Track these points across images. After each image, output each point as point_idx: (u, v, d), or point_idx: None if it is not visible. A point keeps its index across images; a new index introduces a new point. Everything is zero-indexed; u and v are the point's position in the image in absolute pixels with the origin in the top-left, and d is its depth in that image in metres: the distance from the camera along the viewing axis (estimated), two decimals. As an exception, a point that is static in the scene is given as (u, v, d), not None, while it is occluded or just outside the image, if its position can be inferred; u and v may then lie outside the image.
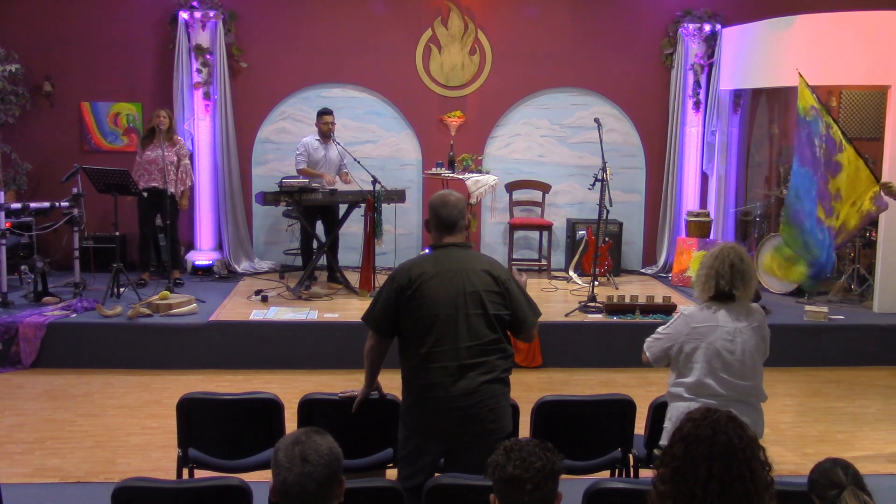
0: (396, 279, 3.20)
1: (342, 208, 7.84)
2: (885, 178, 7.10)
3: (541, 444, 2.26)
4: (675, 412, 3.52)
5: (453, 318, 3.13)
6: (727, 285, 3.48)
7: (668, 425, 3.56)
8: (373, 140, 8.79)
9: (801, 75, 5.20)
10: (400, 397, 3.34)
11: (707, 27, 8.58)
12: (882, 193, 4.97)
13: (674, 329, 3.58)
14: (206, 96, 8.24)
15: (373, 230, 7.21)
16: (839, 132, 5.00)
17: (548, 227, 8.70)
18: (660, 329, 3.67)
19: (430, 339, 3.14)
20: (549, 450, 2.24)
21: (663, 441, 3.58)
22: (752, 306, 3.59)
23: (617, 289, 7.93)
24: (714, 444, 1.97)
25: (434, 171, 8.39)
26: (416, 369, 3.18)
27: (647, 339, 3.70)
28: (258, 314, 6.74)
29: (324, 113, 7.79)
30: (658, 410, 3.82)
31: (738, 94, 8.81)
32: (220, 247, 8.55)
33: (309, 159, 7.78)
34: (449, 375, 3.12)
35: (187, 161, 7.69)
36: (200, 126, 8.31)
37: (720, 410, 2.08)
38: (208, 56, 8.19)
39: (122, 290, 7.10)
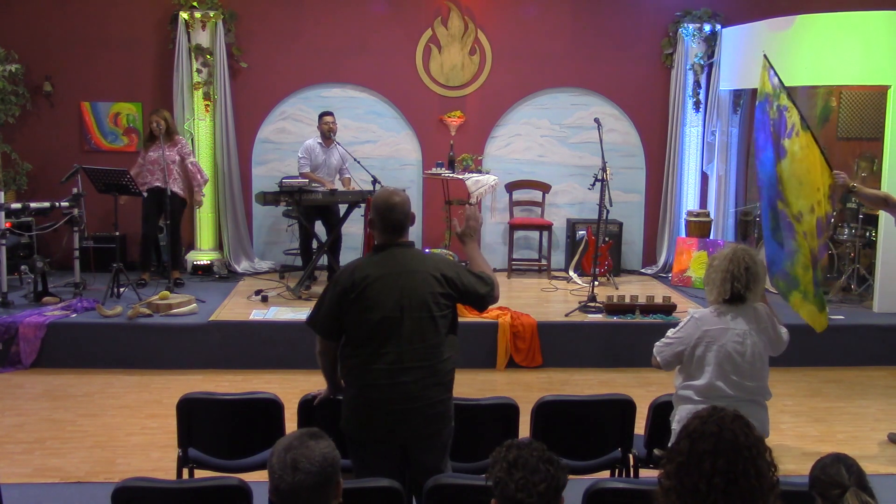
0: (339, 282, 3.16)
1: (342, 208, 7.85)
2: (885, 178, 7.15)
3: (545, 455, 2.16)
4: (685, 415, 3.49)
5: (397, 322, 3.09)
6: (742, 288, 3.49)
7: (677, 427, 3.53)
8: (373, 140, 8.79)
9: (765, 58, 5.15)
10: None
11: (707, 27, 8.59)
12: (838, 182, 4.89)
13: (685, 332, 3.58)
14: (206, 96, 8.24)
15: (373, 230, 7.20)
16: (797, 117, 4.88)
17: (548, 227, 8.70)
18: (670, 333, 3.66)
19: (373, 342, 3.10)
20: (552, 463, 2.15)
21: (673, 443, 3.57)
22: (758, 307, 3.60)
23: (617, 289, 7.93)
24: (719, 440, 1.98)
25: (434, 171, 8.39)
26: (355, 369, 3.15)
27: (657, 344, 3.68)
28: (258, 314, 6.74)
29: (324, 114, 7.82)
30: (658, 410, 3.83)
31: (738, 94, 8.81)
32: (219, 247, 8.55)
33: (311, 163, 7.79)
34: (389, 377, 3.08)
35: (194, 159, 7.69)
36: (200, 126, 8.31)
37: (727, 409, 2.08)
38: (208, 56, 8.19)
39: (122, 290, 7.10)
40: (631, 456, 3.85)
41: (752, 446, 1.98)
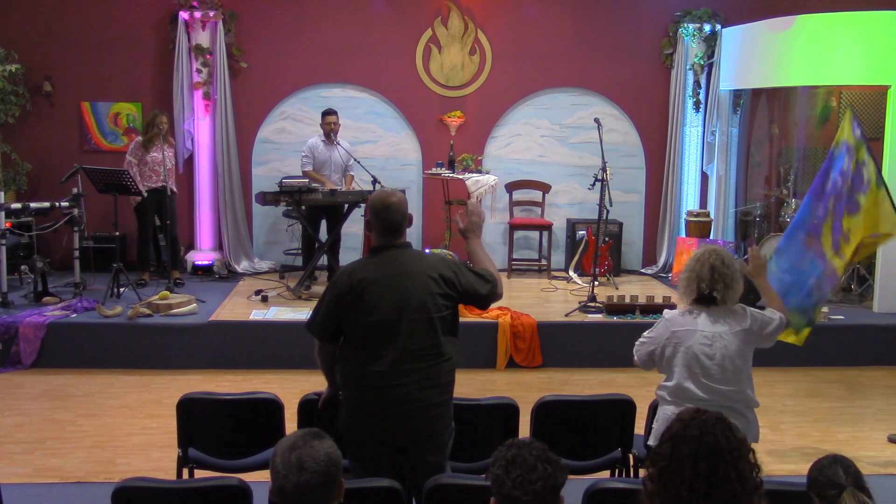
0: (337, 285, 3.14)
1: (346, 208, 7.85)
2: (885, 179, 7.14)
3: (544, 455, 2.15)
4: (662, 414, 3.53)
5: (395, 324, 3.06)
6: (707, 288, 3.45)
7: (656, 426, 3.57)
8: (373, 140, 8.79)
9: (851, 110, 5.06)
10: None
11: (707, 27, 8.58)
12: None
13: (656, 333, 3.58)
14: (206, 96, 8.25)
15: (370, 231, 7.20)
16: (874, 171, 4.75)
17: (548, 227, 8.70)
18: (645, 333, 3.66)
19: (371, 345, 3.09)
20: (551, 462, 2.14)
21: (651, 441, 3.58)
22: (737, 309, 3.54)
23: (617, 289, 7.93)
24: (700, 444, 1.96)
25: (434, 171, 8.39)
26: (352, 371, 3.14)
27: (636, 343, 3.69)
28: (258, 314, 6.74)
29: (327, 113, 7.81)
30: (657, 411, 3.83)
31: (738, 94, 8.81)
32: (220, 247, 8.55)
33: (314, 161, 7.80)
34: (387, 380, 3.06)
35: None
36: (200, 126, 8.31)
37: (710, 412, 2.07)
38: (208, 56, 8.19)
39: (122, 290, 7.10)
40: (631, 456, 3.85)
41: (733, 449, 1.96)
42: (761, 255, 3.89)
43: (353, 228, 8.23)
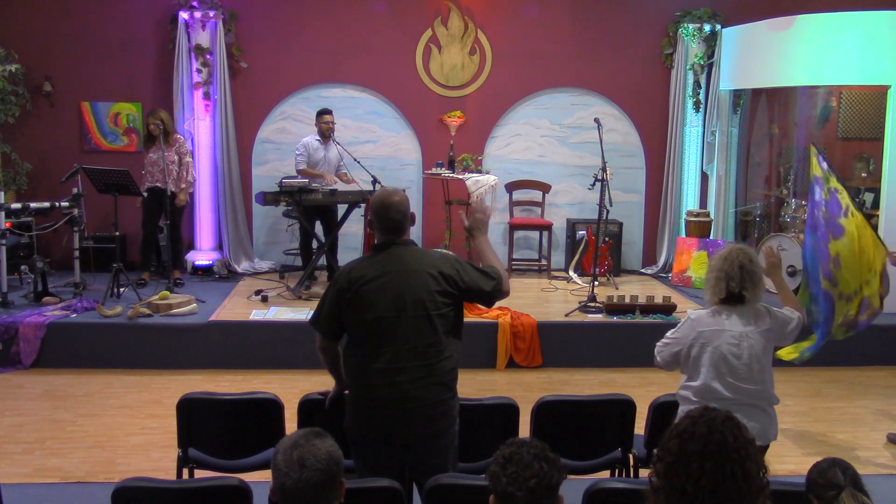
0: (338, 282, 3.16)
1: (342, 208, 7.85)
2: (884, 178, 7.16)
3: (541, 453, 2.16)
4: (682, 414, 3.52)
5: (393, 321, 3.07)
6: (737, 287, 3.46)
7: None
8: (373, 140, 8.79)
9: (812, 146, 5.12)
10: None
11: (707, 27, 8.58)
12: (889, 262, 4.81)
13: (681, 333, 3.58)
14: (206, 96, 8.24)
15: (373, 230, 7.20)
16: (847, 198, 4.83)
17: (548, 227, 8.70)
18: (669, 333, 3.66)
19: (370, 342, 3.09)
20: (548, 461, 2.14)
21: None
22: (760, 308, 3.55)
23: (617, 289, 7.93)
24: (708, 442, 1.97)
25: (434, 171, 8.39)
26: (355, 368, 3.16)
27: (658, 344, 3.68)
28: (258, 314, 6.74)
29: (323, 113, 7.81)
30: (658, 410, 3.83)
31: (738, 94, 8.81)
32: (220, 247, 8.55)
33: (309, 160, 7.80)
34: (386, 377, 3.07)
35: (189, 159, 7.71)
36: (200, 126, 8.31)
37: (719, 409, 2.07)
38: (208, 56, 8.19)
39: (122, 290, 7.11)
40: (631, 456, 3.85)
41: (740, 448, 1.97)
42: (775, 252, 3.94)
43: (353, 228, 8.22)
